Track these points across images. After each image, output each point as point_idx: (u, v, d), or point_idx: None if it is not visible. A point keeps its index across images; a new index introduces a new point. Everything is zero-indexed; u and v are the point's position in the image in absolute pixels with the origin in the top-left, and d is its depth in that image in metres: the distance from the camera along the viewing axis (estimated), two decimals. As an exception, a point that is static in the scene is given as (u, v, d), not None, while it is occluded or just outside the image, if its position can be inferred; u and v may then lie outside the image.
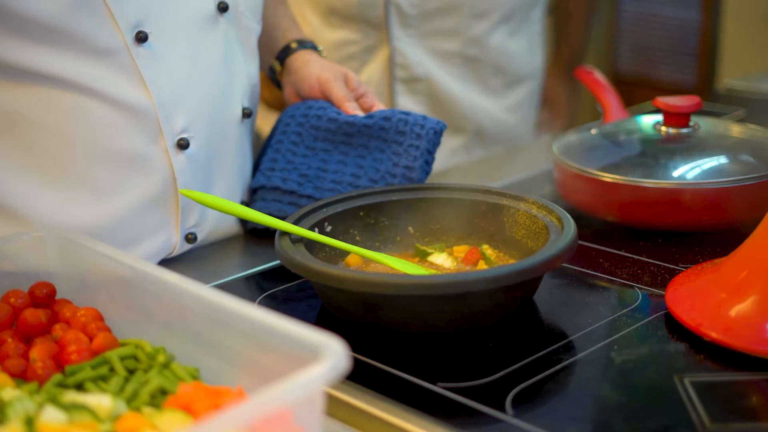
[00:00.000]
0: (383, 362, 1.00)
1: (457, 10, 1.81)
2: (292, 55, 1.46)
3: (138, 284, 0.96)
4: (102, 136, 1.18)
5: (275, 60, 1.48)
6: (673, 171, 1.30)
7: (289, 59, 1.46)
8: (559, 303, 1.14)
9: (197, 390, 0.82)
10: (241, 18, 1.33)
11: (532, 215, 1.17)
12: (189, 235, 1.29)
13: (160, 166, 1.23)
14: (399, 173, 1.31)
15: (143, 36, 1.17)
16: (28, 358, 0.92)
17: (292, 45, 1.47)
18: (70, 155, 1.18)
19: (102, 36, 1.15)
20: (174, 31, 1.21)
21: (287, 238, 1.12)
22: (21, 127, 1.17)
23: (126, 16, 1.16)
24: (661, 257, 1.23)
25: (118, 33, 1.16)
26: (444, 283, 1.00)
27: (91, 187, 1.20)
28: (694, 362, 0.98)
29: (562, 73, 2.21)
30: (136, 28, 1.17)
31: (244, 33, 1.34)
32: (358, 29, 1.84)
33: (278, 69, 1.48)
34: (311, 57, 1.45)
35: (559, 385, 0.95)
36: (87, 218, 1.20)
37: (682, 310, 1.05)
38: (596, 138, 1.44)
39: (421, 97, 1.86)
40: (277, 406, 0.73)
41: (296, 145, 1.37)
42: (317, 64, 1.44)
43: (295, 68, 1.45)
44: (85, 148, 1.18)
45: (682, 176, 1.29)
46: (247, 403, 0.72)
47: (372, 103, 1.40)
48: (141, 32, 1.17)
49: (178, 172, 1.23)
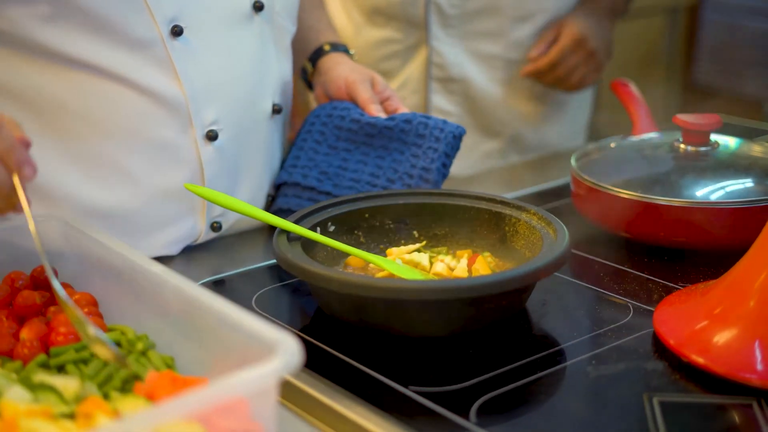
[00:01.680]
0: (362, 362, 1.02)
1: (499, 12, 1.81)
2: (324, 57, 1.50)
3: (128, 273, 1.00)
4: (134, 124, 1.23)
5: (307, 61, 1.52)
6: (687, 189, 1.29)
7: (321, 61, 1.50)
8: (551, 314, 1.15)
9: (163, 378, 0.86)
10: (276, 18, 1.36)
11: (531, 226, 1.18)
12: (214, 223, 1.34)
13: (189, 155, 1.27)
14: (416, 174, 1.34)
15: (178, 30, 1.22)
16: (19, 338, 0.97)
17: (325, 47, 1.51)
18: (102, 141, 1.23)
19: (139, 28, 1.20)
20: (209, 26, 1.26)
21: (285, 235, 1.15)
22: (58, 113, 1.22)
23: (163, 10, 1.20)
24: (663, 275, 1.23)
25: (155, 26, 1.20)
26: (422, 288, 1.01)
27: (121, 172, 1.25)
28: (669, 382, 0.98)
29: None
30: (172, 22, 1.21)
31: (278, 32, 1.38)
32: (400, 28, 1.85)
33: (310, 70, 1.52)
34: (342, 59, 1.49)
35: (528, 396, 0.96)
36: (116, 201, 1.26)
37: (666, 329, 1.05)
38: (614, 152, 1.44)
39: (456, 98, 1.86)
40: (228, 398, 0.77)
41: (319, 143, 1.40)
42: (346, 66, 1.47)
43: (326, 70, 1.48)
44: (116, 135, 1.23)
45: (694, 195, 1.28)
46: (197, 393, 0.75)
47: (396, 106, 1.43)
48: (176, 26, 1.22)
49: (206, 163, 1.28)
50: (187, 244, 1.33)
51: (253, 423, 0.80)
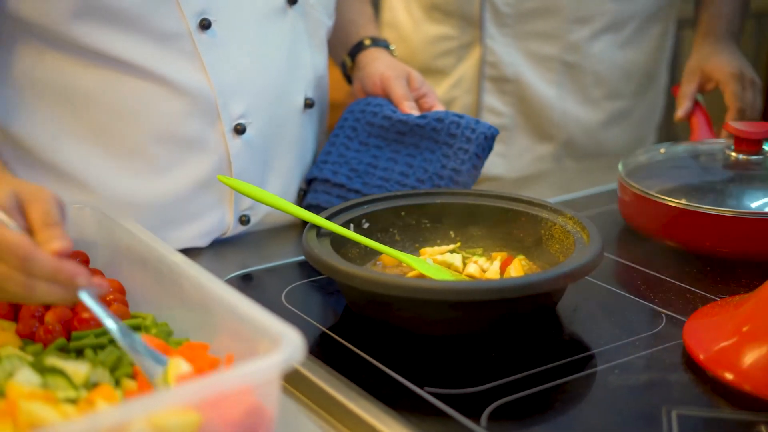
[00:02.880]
0: (381, 360, 1.02)
1: (556, 14, 1.79)
2: (364, 51, 1.49)
3: (152, 262, 1.02)
4: (161, 117, 1.24)
5: (347, 55, 1.51)
6: (734, 198, 1.26)
7: (360, 55, 1.50)
8: (581, 320, 1.13)
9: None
10: (311, 11, 1.36)
11: (567, 230, 1.16)
12: (242, 217, 1.34)
13: (217, 148, 1.28)
14: (446, 175, 1.33)
15: (207, 23, 1.22)
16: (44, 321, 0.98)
17: (365, 41, 1.51)
18: (132, 133, 1.25)
19: (166, 21, 1.21)
20: (239, 20, 1.26)
21: (314, 231, 1.15)
22: (88, 106, 1.24)
23: (191, 3, 1.21)
24: (702, 285, 1.20)
25: (183, 19, 1.21)
26: (438, 289, 1.00)
27: (150, 164, 1.26)
28: (692, 396, 0.96)
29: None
30: (201, 15, 1.22)
31: (312, 25, 1.37)
32: (456, 25, 1.84)
33: (349, 64, 1.52)
34: (380, 54, 1.48)
35: (543, 403, 0.95)
36: (145, 192, 1.27)
37: (695, 342, 1.02)
38: (664, 159, 1.41)
39: (509, 98, 1.84)
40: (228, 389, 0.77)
41: (350, 140, 1.40)
42: (384, 61, 1.46)
43: (363, 65, 1.48)
44: (145, 128, 1.24)
45: (741, 204, 1.25)
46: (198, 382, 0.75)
47: (432, 103, 1.42)
48: (205, 19, 1.22)
49: (234, 156, 1.28)
50: (216, 237, 1.34)
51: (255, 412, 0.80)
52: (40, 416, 0.74)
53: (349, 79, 1.53)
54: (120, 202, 1.26)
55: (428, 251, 1.23)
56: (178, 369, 0.82)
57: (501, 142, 1.86)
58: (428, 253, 1.23)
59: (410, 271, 1.19)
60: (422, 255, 1.23)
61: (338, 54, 1.52)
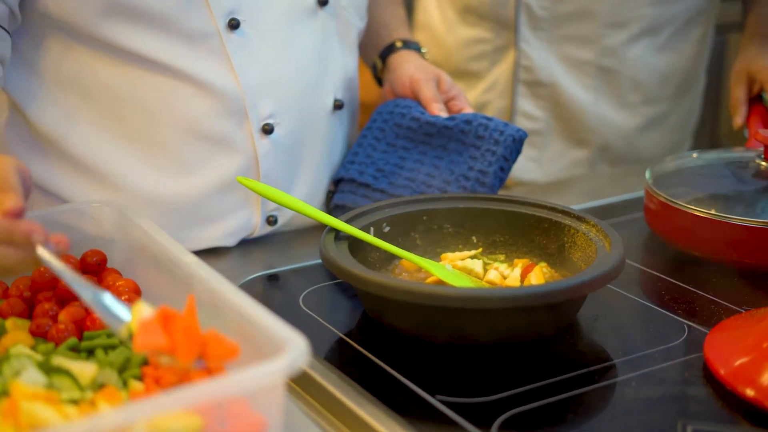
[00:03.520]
0: (394, 367, 1.01)
1: (592, 18, 1.76)
2: (394, 53, 1.49)
3: (165, 263, 1.01)
4: (189, 116, 1.24)
5: (378, 57, 1.51)
6: (761, 209, 1.23)
7: (391, 57, 1.49)
8: (601, 330, 1.11)
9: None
10: (342, 12, 1.36)
11: (589, 238, 1.15)
12: (270, 217, 1.34)
13: (245, 148, 1.27)
14: (473, 177, 1.31)
15: (235, 23, 1.22)
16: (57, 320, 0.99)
17: (396, 44, 1.50)
18: (160, 132, 1.25)
19: (195, 20, 1.21)
20: (268, 20, 1.26)
21: (333, 234, 1.14)
22: (116, 104, 1.24)
23: (220, 2, 1.21)
24: (728, 297, 1.17)
25: (211, 19, 1.21)
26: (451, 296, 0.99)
27: (177, 163, 1.26)
28: (710, 411, 0.94)
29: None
30: (230, 15, 1.22)
31: (343, 27, 1.37)
32: (491, 28, 1.83)
33: (380, 66, 1.51)
34: (411, 57, 1.47)
35: (556, 414, 0.93)
36: (172, 191, 1.27)
37: (716, 355, 1.00)
38: (692, 167, 1.38)
39: (543, 103, 1.82)
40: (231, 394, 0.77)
41: (378, 140, 1.39)
42: (414, 63, 1.45)
43: (394, 67, 1.47)
44: (173, 126, 1.24)
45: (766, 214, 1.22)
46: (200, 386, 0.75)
47: (461, 106, 1.41)
48: (234, 19, 1.22)
49: (262, 156, 1.28)
50: (243, 237, 1.34)
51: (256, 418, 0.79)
52: (41, 417, 0.74)
53: (380, 81, 1.53)
54: (146, 200, 1.26)
55: (449, 256, 1.22)
56: (141, 314, 0.82)
57: (534, 146, 1.84)
58: (449, 259, 1.21)
59: (430, 276, 1.17)
60: (443, 260, 1.22)
61: (369, 56, 1.51)
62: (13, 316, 0.99)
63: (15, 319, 0.98)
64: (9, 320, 0.98)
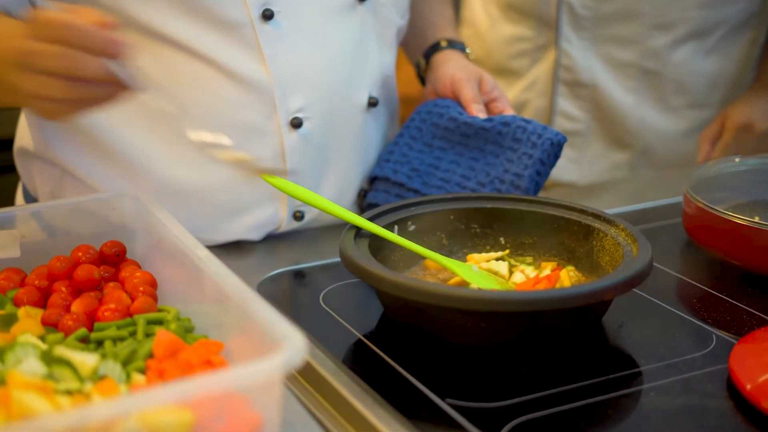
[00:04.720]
0: (406, 368, 0.99)
1: (636, 18, 1.72)
2: (438, 53, 1.46)
3: (179, 256, 1.01)
4: (218, 105, 1.23)
5: (422, 57, 1.49)
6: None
7: (434, 57, 1.47)
8: (626, 337, 1.07)
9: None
10: (382, 9, 1.34)
11: (617, 242, 1.11)
12: (297, 212, 1.33)
13: (272, 141, 1.26)
14: (508, 180, 1.28)
15: (269, 14, 1.21)
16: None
17: (441, 43, 1.47)
18: (188, 120, 1.24)
19: (229, 9, 1.20)
20: (304, 12, 1.25)
21: (353, 232, 1.12)
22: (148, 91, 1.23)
23: None
24: (760, 306, 1.13)
25: (245, 8, 1.20)
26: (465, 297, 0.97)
27: None
28: (729, 425, 0.90)
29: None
30: (264, 6, 1.21)
31: (382, 24, 1.35)
32: (533, 26, 1.79)
33: (423, 66, 1.49)
34: (454, 56, 1.45)
35: (567, 423, 0.90)
36: (198, 182, 1.26)
37: (741, 368, 0.96)
38: (732, 172, 1.34)
39: (584, 104, 1.78)
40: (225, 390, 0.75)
41: (414, 140, 1.37)
42: (456, 63, 1.43)
43: (436, 66, 1.45)
44: (201, 115, 1.24)
45: (811, 223, 1.18)
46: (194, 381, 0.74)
47: (502, 108, 1.38)
48: (268, 10, 1.21)
49: (289, 150, 1.27)
50: (270, 231, 1.33)
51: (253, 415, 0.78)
52: (32, 407, 0.74)
53: (423, 80, 1.50)
54: (171, 190, 1.26)
55: (476, 257, 1.20)
56: None
57: (574, 147, 1.80)
58: (475, 260, 1.19)
59: (453, 277, 1.15)
60: (469, 261, 1.19)
61: (414, 55, 1.49)
62: (27, 305, 1.00)
63: (28, 308, 0.98)
64: (22, 309, 0.98)
